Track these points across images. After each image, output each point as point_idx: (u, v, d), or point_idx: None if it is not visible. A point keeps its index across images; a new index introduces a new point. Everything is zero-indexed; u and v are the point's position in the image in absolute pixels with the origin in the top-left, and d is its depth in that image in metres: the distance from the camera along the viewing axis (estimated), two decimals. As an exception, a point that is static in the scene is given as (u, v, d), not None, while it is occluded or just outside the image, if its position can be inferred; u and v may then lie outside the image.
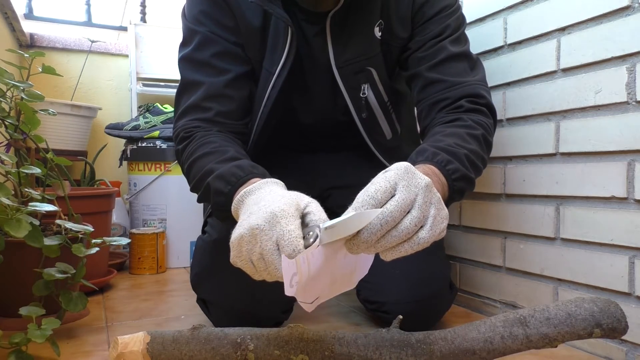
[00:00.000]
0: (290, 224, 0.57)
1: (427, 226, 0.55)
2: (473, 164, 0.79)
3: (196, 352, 0.65)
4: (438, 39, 0.94)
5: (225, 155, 0.81)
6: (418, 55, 0.96)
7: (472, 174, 0.78)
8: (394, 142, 1.07)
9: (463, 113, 0.88)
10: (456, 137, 0.81)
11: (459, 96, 0.90)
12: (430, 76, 0.93)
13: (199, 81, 0.93)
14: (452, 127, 0.85)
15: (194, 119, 0.91)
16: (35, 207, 0.91)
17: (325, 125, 1.07)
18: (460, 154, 0.76)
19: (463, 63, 0.93)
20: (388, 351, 0.64)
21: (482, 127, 0.86)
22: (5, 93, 0.99)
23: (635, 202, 0.81)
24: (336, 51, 0.95)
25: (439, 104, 0.91)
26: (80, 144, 1.96)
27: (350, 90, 0.98)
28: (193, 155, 0.85)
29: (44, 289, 0.91)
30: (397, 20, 0.96)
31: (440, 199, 0.58)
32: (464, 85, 0.90)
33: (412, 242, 0.55)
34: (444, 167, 0.74)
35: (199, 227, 1.08)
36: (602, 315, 0.61)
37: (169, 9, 2.33)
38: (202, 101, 0.92)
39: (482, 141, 0.84)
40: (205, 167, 0.80)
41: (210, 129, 0.90)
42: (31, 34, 2.05)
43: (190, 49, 0.95)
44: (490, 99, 0.92)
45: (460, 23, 0.97)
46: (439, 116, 0.90)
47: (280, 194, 0.64)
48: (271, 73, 0.95)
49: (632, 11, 0.81)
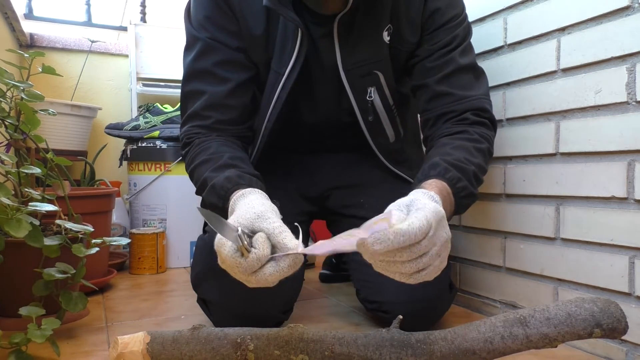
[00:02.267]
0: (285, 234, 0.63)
1: (429, 269, 0.60)
2: (477, 180, 0.85)
3: (196, 352, 0.65)
4: (447, 49, 0.96)
5: (218, 163, 0.87)
6: (427, 65, 0.97)
7: (476, 190, 0.84)
8: (396, 144, 1.08)
9: (469, 126, 0.92)
10: (464, 151, 0.86)
11: (465, 109, 0.93)
12: (439, 89, 0.95)
13: (200, 90, 0.97)
14: (460, 139, 0.89)
15: (194, 125, 0.97)
16: (35, 207, 0.91)
17: (328, 126, 1.07)
18: (469, 171, 0.82)
19: (469, 75, 0.96)
20: (388, 351, 0.64)
21: (486, 141, 0.91)
22: (5, 93, 0.99)
23: (635, 202, 0.81)
24: (343, 54, 0.96)
25: (446, 115, 0.95)
26: (80, 144, 1.96)
27: (357, 93, 0.99)
28: (193, 162, 0.92)
29: (44, 289, 0.91)
30: (406, 24, 0.97)
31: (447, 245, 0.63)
32: (470, 99, 0.94)
33: (413, 278, 0.60)
34: (454, 185, 0.78)
35: (199, 227, 1.08)
36: (602, 315, 0.61)
37: (169, 9, 2.33)
38: (202, 110, 0.96)
39: (486, 154, 0.90)
40: (202, 176, 0.87)
41: (209, 135, 0.95)
42: (31, 34, 2.05)
43: (192, 57, 0.98)
44: (492, 112, 0.96)
45: (467, 32, 0.99)
46: (444, 127, 0.94)
47: (259, 202, 0.70)
48: (280, 74, 0.95)
49: (632, 11, 0.81)
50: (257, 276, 0.62)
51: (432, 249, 0.59)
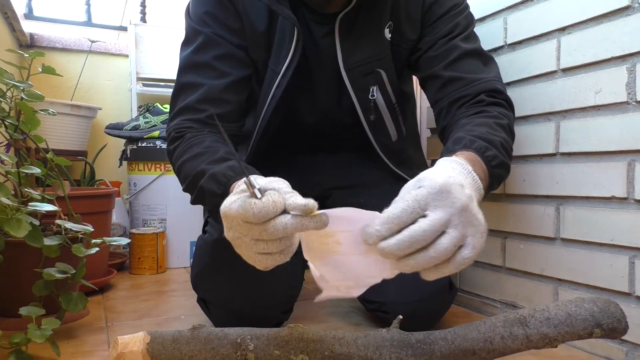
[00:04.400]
0: (297, 196, 0.56)
1: (469, 245, 0.55)
2: (507, 151, 0.78)
3: (196, 352, 0.65)
4: (449, 37, 0.94)
5: (215, 156, 0.81)
6: (430, 55, 0.95)
7: (508, 160, 0.77)
8: (398, 144, 1.07)
9: (485, 106, 0.87)
10: (486, 126, 0.80)
11: (478, 92, 0.89)
12: (447, 74, 0.93)
13: (197, 83, 0.93)
14: (480, 117, 0.84)
15: (186, 119, 0.91)
16: (35, 207, 0.91)
17: (328, 125, 1.07)
18: (496, 141, 0.76)
19: (477, 60, 0.93)
20: (388, 351, 0.64)
21: (506, 118, 0.86)
22: (5, 93, 0.99)
23: (635, 202, 0.81)
24: (345, 53, 0.95)
25: (459, 101, 0.91)
26: (80, 144, 1.96)
27: (359, 92, 0.98)
28: (183, 156, 0.85)
29: (44, 289, 0.91)
30: (406, 21, 0.96)
31: (476, 215, 0.56)
32: (481, 81, 0.90)
33: (454, 262, 0.55)
34: (483, 154, 0.72)
35: (199, 227, 1.08)
36: (602, 315, 0.61)
37: (169, 9, 2.33)
38: (197, 103, 0.92)
39: (508, 131, 0.84)
40: (197, 169, 0.80)
41: (201, 130, 0.89)
42: (31, 34, 2.05)
43: (192, 50, 0.95)
44: (507, 94, 0.91)
45: (470, 21, 0.97)
46: (460, 112, 0.90)
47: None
48: (276, 73, 0.95)
49: (632, 11, 0.81)
50: (274, 223, 0.53)
51: (452, 219, 0.53)
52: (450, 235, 0.54)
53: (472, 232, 0.55)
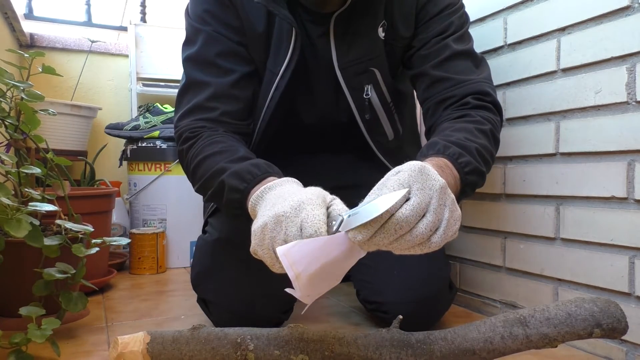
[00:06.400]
0: (316, 210, 0.57)
1: (440, 229, 0.56)
2: (483, 158, 0.78)
3: (196, 352, 0.65)
4: (441, 36, 0.94)
5: (236, 155, 0.81)
6: (422, 53, 0.96)
7: (483, 167, 0.77)
8: (395, 143, 1.07)
9: (470, 109, 0.87)
10: (466, 131, 0.80)
11: (465, 93, 0.89)
12: (436, 74, 0.93)
13: (204, 81, 0.92)
14: (461, 122, 0.84)
15: (198, 119, 0.90)
16: (35, 207, 0.91)
17: (327, 126, 1.07)
18: (471, 148, 0.76)
19: (467, 61, 0.93)
20: (388, 351, 0.64)
21: (490, 123, 0.85)
22: (5, 93, 0.99)
23: (635, 202, 0.81)
24: (339, 52, 0.95)
25: (445, 101, 0.91)
26: (80, 144, 1.96)
27: (353, 92, 0.98)
28: (200, 154, 0.84)
29: (44, 289, 0.91)
30: (400, 19, 0.96)
31: (454, 200, 0.58)
32: (469, 83, 0.90)
33: (424, 246, 0.56)
34: (456, 160, 0.73)
35: (199, 227, 1.08)
36: (602, 315, 0.61)
37: (169, 9, 2.33)
38: (207, 101, 0.91)
39: (490, 137, 0.83)
40: (216, 166, 0.80)
41: (216, 129, 0.89)
42: (31, 34, 2.05)
43: (195, 48, 0.94)
44: (495, 97, 0.91)
45: (464, 22, 0.97)
46: (445, 113, 0.90)
47: (305, 189, 0.65)
48: (274, 74, 0.94)
49: (632, 11, 0.81)
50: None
51: (431, 202, 0.54)
52: (427, 219, 0.55)
53: (447, 216, 0.56)
